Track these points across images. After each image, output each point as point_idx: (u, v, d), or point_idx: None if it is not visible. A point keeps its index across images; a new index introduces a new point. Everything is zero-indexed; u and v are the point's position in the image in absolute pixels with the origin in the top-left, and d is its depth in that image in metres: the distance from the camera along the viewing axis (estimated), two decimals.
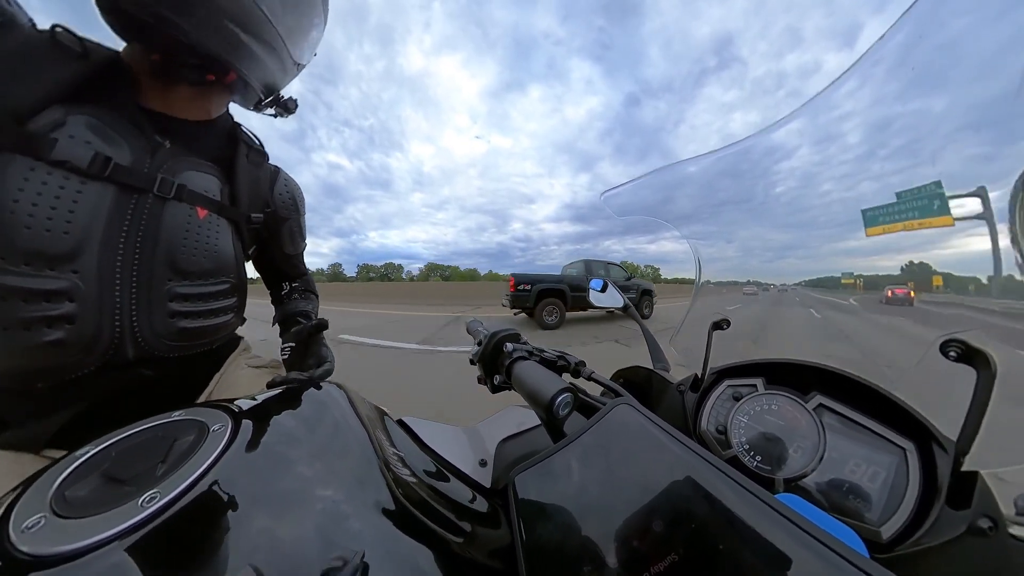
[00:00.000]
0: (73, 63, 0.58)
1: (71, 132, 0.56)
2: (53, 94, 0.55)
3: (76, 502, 0.26)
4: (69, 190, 0.55)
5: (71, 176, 0.55)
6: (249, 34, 0.65)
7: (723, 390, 0.55)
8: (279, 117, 0.93)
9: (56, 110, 0.55)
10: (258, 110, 0.89)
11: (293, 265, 1.09)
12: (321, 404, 0.45)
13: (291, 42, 0.74)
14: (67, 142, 0.55)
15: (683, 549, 0.24)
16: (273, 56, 0.73)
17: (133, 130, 0.63)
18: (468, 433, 0.68)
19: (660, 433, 0.32)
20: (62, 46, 0.58)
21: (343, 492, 0.31)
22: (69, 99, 0.57)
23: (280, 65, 0.77)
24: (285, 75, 0.82)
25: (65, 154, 0.54)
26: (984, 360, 0.35)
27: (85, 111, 0.58)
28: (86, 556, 0.23)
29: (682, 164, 0.68)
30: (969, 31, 0.40)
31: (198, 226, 0.69)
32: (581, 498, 0.31)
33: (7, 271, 0.51)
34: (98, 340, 0.58)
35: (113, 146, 0.59)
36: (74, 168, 0.55)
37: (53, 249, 0.54)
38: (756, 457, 0.45)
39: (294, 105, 0.91)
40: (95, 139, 0.58)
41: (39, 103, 0.54)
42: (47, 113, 0.54)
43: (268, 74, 0.77)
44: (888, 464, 0.40)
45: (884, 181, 0.50)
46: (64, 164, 0.54)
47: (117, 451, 0.31)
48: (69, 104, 0.57)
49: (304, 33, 0.78)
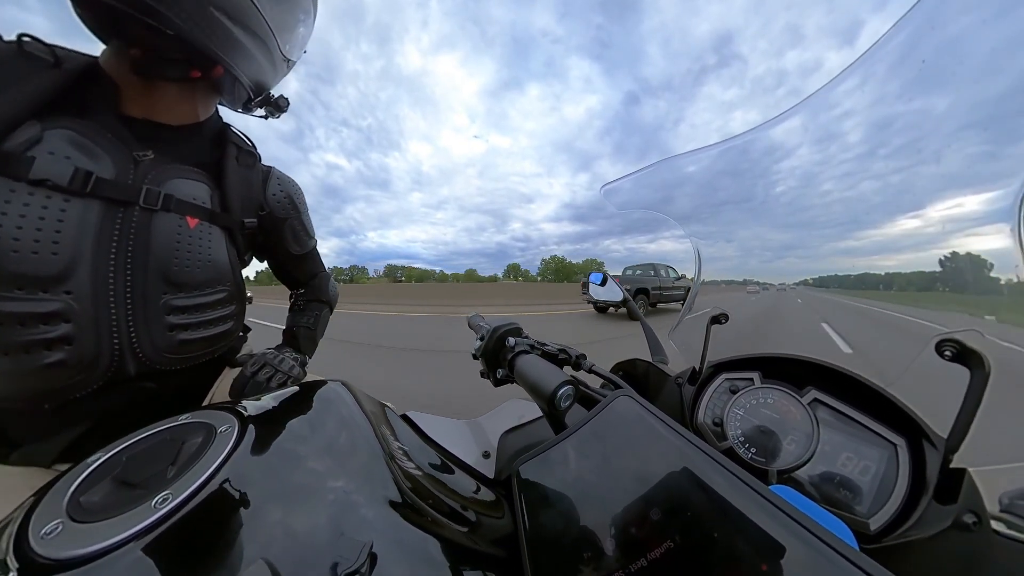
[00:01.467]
0: (45, 73, 0.55)
1: (49, 148, 0.53)
2: (26, 109, 0.52)
3: (91, 507, 0.27)
4: (53, 209, 0.53)
5: (53, 194, 0.53)
6: (237, 24, 0.61)
7: (720, 383, 0.56)
8: (271, 117, 0.89)
9: (31, 126, 0.52)
10: (248, 111, 0.86)
11: (304, 267, 1.05)
12: (326, 401, 0.46)
13: (280, 34, 0.70)
14: (46, 159, 0.52)
15: (679, 537, 0.25)
16: (262, 49, 0.69)
17: (114, 141, 0.60)
18: (471, 426, 0.70)
19: (658, 424, 0.33)
20: (31, 56, 0.54)
21: (350, 486, 0.32)
22: (45, 112, 0.54)
23: (269, 59, 0.73)
24: (275, 71, 0.79)
25: (45, 172, 0.52)
26: (978, 360, 0.36)
27: (63, 124, 0.55)
28: (105, 557, 0.24)
29: (683, 157, 0.68)
30: (972, 29, 0.40)
31: (189, 236, 0.67)
32: (582, 487, 0.32)
33: (1, 297, 0.50)
34: (98, 359, 0.57)
35: (94, 159, 0.57)
36: (55, 186, 0.53)
37: (43, 271, 0.52)
38: (751, 449, 0.46)
39: (285, 103, 0.87)
40: (75, 153, 0.55)
41: (12, 120, 0.51)
42: (22, 130, 0.51)
43: (257, 69, 0.73)
44: (879, 459, 0.41)
45: (885, 180, 0.50)
46: (44, 183, 0.52)
47: (127, 456, 0.32)
48: (44, 118, 0.54)
49: (293, 25, 0.74)
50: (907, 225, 0.49)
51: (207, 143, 0.77)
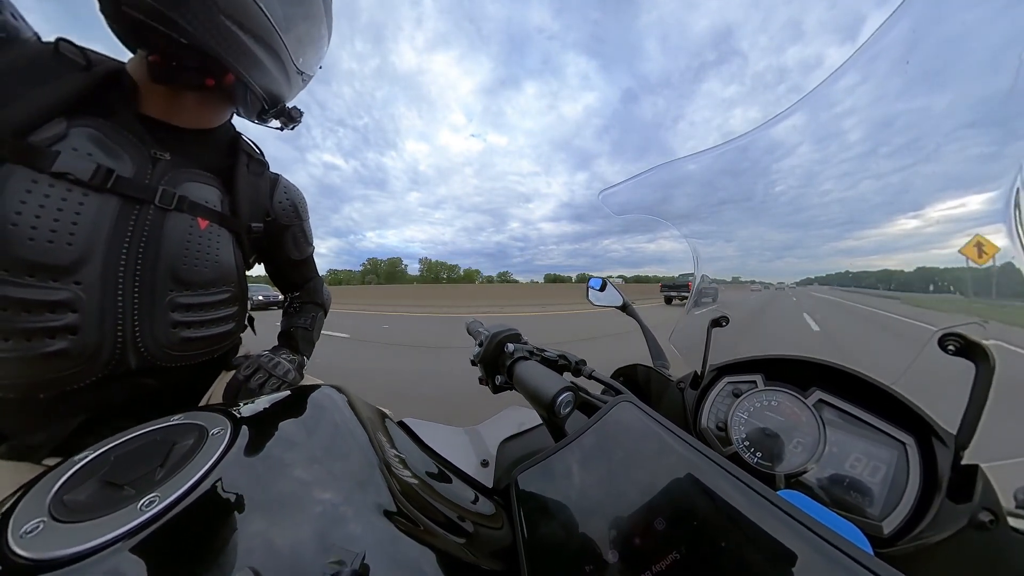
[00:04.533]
0: (76, 75, 0.58)
1: (73, 145, 0.56)
2: (55, 106, 0.55)
3: (75, 506, 0.26)
4: (71, 202, 0.55)
5: (74, 188, 0.55)
6: (248, 33, 0.64)
7: (723, 387, 0.55)
8: (286, 128, 0.92)
9: (58, 123, 0.55)
10: (263, 122, 0.88)
11: (300, 272, 1.09)
12: (320, 407, 0.45)
13: (292, 45, 0.73)
14: (69, 155, 0.55)
15: (685, 547, 0.24)
16: (275, 60, 0.72)
17: (134, 141, 0.63)
18: (469, 434, 0.68)
19: (661, 430, 0.32)
20: (65, 59, 0.58)
21: (343, 494, 0.31)
22: (72, 111, 0.57)
23: (283, 71, 0.75)
24: (290, 85, 0.81)
25: (67, 167, 0.54)
26: (983, 353, 0.35)
27: (88, 123, 0.58)
28: (85, 560, 0.23)
29: (682, 161, 0.68)
30: (972, 25, 0.40)
31: (199, 237, 0.69)
32: (583, 497, 0.31)
33: (10, 282, 0.51)
34: (100, 350, 0.58)
35: (115, 158, 0.60)
36: (76, 180, 0.55)
37: (56, 261, 0.54)
38: (757, 453, 0.45)
39: (299, 114, 0.90)
40: (97, 151, 0.58)
41: (41, 116, 0.54)
42: (49, 126, 0.54)
43: (270, 80, 0.76)
44: (888, 458, 0.40)
45: (885, 180, 0.50)
46: (66, 176, 0.55)
47: (116, 455, 0.31)
48: (72, 116, 0.57)
49: (307, 40, 0.77)
50: (906, 225, 0.49)
51: (220, 150, 0.81)
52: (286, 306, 1.13)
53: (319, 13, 0.77)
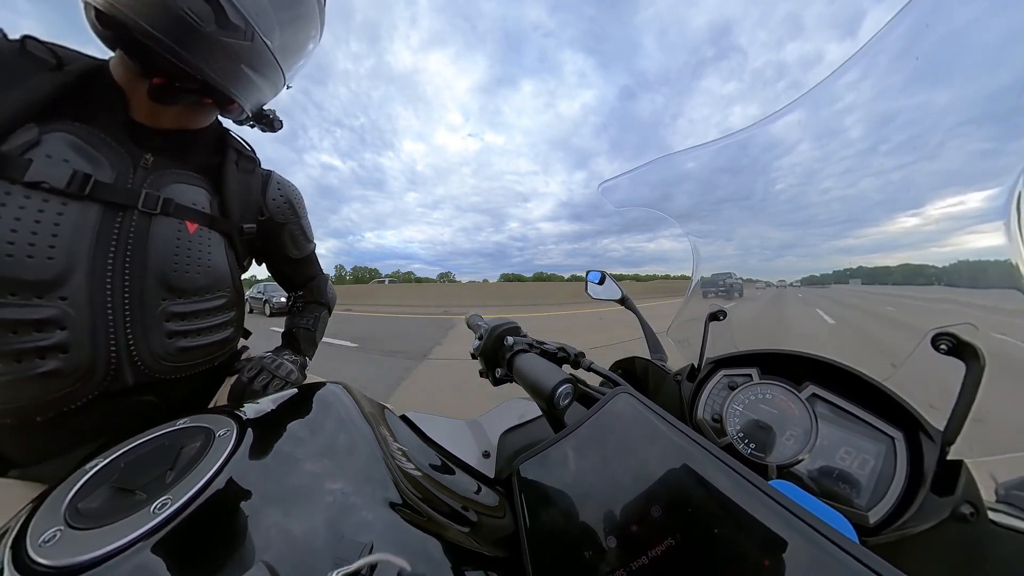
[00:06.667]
0: (45, 76, 0.54)
1: (47, 151, 0.52)
2: (24, 111, 0.51)
3: (89, 513, 0.27)
4: (50, 213, 0.52)
5: (51, 197, 0.52)
6: (258, 74, 0.68)
7: (719, 380, 0.56)
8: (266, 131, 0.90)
9: (29, 129, 0.52)
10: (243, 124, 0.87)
11: (302, 270, 1.06)
12: (324, 404, 0.45)
13: (288, 70, 0.76)
14: (43, 162, 0.51)
15: (680, 534, 0.25)
16: (273, 86, 0.76)
17: (115, 145, 0.59)
18: (471, 426, 0.70)
19: (658, 421, 0.33)
20: (34, 57, 0.54)
21: (350, 488, 0.32)
22: (44, 115, 0.53)
23: (275, 89, 0.79)
24: (275, 94, 0.83)
25: (40, 175, 0.51)
26: (973, 353, 0.36)
27: (62, 128, 0.55)
28: (103, 564, 0.23)
29: (683, 154, 0.68)
30: (974, 21, 0.39)
31: (189, 241, 0.66)
32: (582, 486, 0.32)
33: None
34: (94, 367, 0.56)
35: (93, 163, 0.56)
36: (52, 189, 0.52)
37: (38, 276, 0.51)
38: (750, 444, 0.47)
39: (279, 125, 0.89)
40: (74, 156, 0.54)
41: (9, 122, 0.50)
42: (19, 133, 0.51)
43: (264, 98, 0.79)
44: (877, 452, 0.41)
45: (886, 177, 0.50)
46: (40, 185, 0.51)
47: (126, 462, 0.32)
48: (44, 121, 0.53)
49: (299, 59, 0.79)
50: (907, 223, 0.49)
51: (207, 148, 0.77)
52: (289, 305, 1.11)
53: (315, 34, 0.78)
